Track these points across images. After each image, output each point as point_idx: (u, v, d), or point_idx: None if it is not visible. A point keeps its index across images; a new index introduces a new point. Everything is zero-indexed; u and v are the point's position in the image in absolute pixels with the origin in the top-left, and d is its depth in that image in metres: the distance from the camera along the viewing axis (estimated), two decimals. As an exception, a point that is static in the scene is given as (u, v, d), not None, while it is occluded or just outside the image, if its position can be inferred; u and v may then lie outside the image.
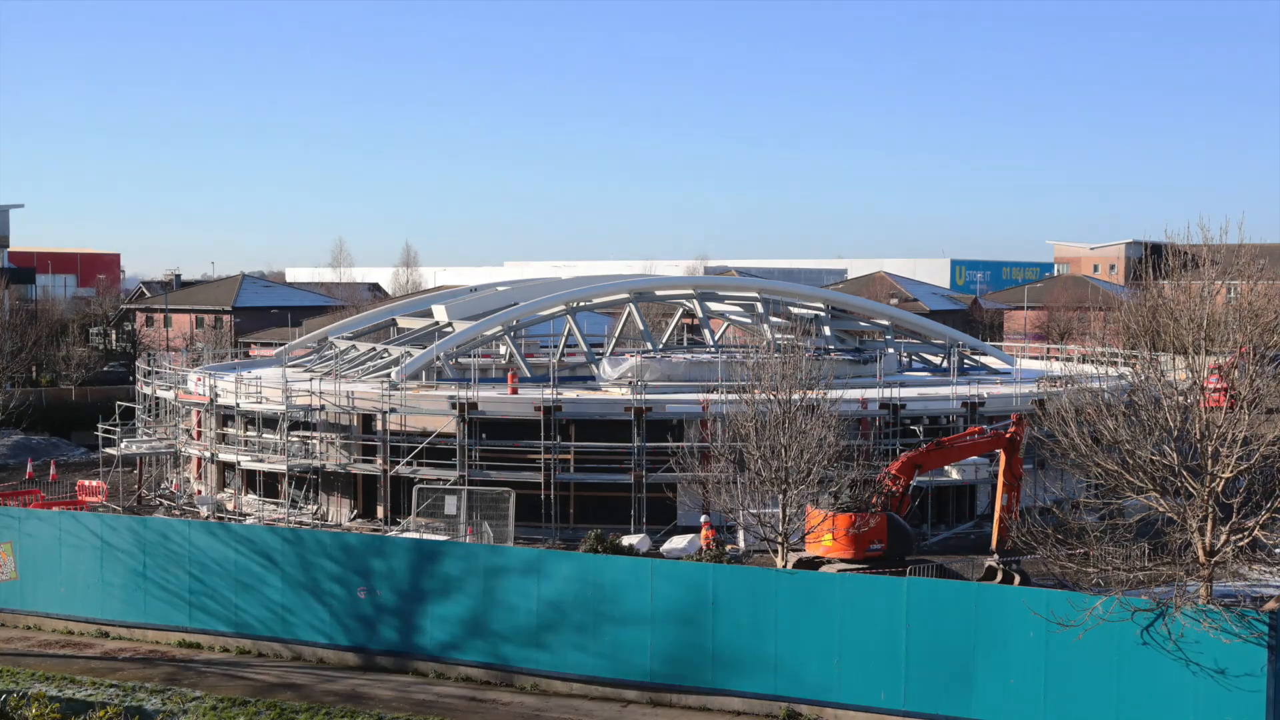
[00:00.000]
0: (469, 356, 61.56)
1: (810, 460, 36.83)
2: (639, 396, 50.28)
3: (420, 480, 49.73)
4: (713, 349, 66.64)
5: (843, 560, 39.11)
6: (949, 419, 53.49)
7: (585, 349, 62.19)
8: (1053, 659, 28.55)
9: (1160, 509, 28.61)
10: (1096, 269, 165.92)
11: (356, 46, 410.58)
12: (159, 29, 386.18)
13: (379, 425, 52.12)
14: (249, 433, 55.91)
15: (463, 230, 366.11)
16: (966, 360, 65.59)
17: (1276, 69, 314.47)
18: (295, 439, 53.85)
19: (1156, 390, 29.76)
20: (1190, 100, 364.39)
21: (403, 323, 69.01)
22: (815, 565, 38.79)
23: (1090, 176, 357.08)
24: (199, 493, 58.87)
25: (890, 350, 64.72)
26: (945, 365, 65.02)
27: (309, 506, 53.75)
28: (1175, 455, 28.23)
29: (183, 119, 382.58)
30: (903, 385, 55.07)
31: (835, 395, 41.53)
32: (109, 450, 59.94)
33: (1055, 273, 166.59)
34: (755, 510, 38.20)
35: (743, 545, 45.51)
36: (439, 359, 56.70)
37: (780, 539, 37.56)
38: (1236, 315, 29.18)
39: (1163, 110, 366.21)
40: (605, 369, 58.93)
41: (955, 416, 53.06)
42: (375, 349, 62.47)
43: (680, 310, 73.37)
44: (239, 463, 54.92)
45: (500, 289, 68.80)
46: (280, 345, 79.60)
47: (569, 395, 52.26)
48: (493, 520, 46.70)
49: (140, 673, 34.44)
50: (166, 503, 56.97)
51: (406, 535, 43.24)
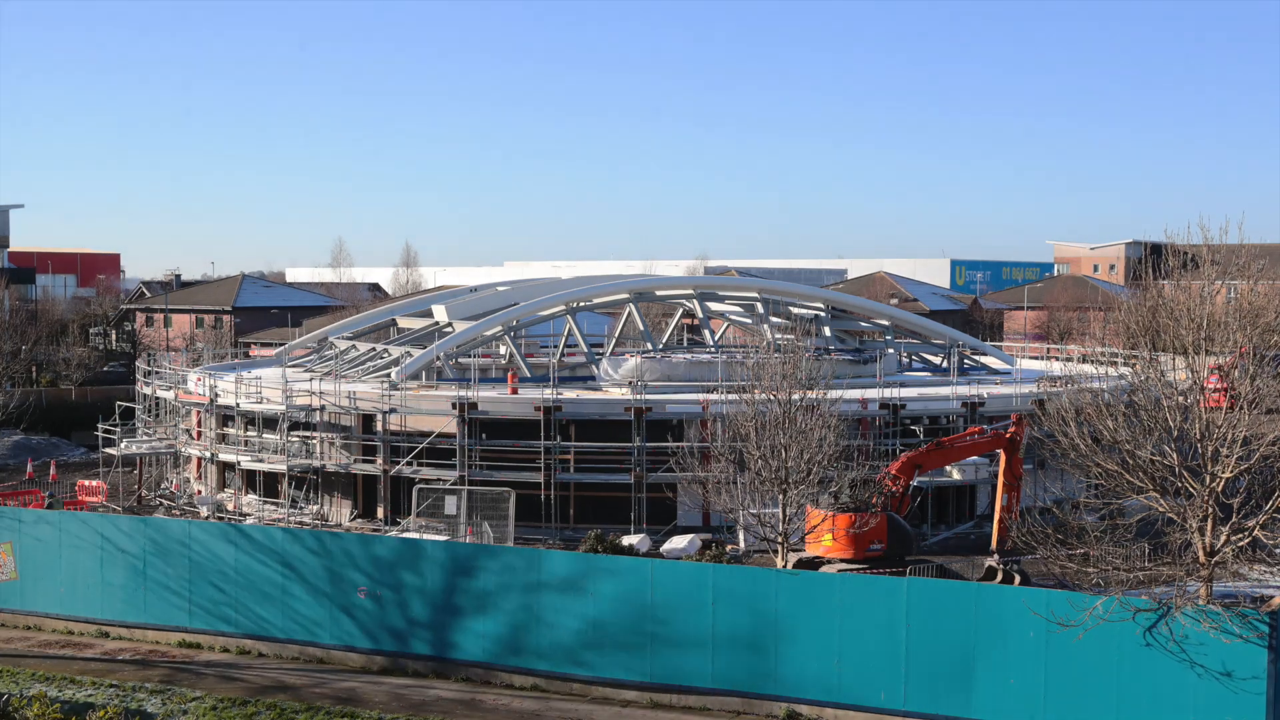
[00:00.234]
0: (469, 356, 61.55)
1: (810, 460, 36.82)
2: (639, 396, 50.27)
3: (420, 480, 49.73)
4: (713, 349, 66.63)
5: (843, 560, 39.10)
6: (949, 419, 53.48)
7: (585, 349, 62.18)
8: (1053, 659, 28.55)
9: (1160, 509, 28.61)
10: (1096, 269, 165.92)
11: (357, 46, 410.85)
12: (159, 29, 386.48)
13: (379, 425, 52.12)
14: (249, 433, 55.90)
15: (463, 230, 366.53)
16: (966, 360, 65.58)
17: (1277, 68, 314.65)
18: (295, 439, 53.84)
19: (1156, 390, 29.76)
20: (1190, 100, 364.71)
21: (403, 323, 69.00)
22: (815, 565, 38.78)
23: (1090, 176, 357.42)
24: (199, 493, 58.86)
25: (890, 350, 64.71)
26: (945, 365, 65.00)
27: (310, 507, 53.72)
28: (1175, 455, 28.23)
29: (183, 119, 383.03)
30: (903, 385, 55.06)
31: (835, 395, 41.51)
32: (109, 450, 59.93)
33: (1055, 273, 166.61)
34: (755, 510, 38.19)
35: (743, 545, 45.50)
36: (439, 359, 56.69)
37: (780, 539, 37.56)
38: (1236, 315, 29.17)
39: (1163, 110, 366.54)
40: (605, 369, 58.92)
41: (955, 416, 53.05)
42: (375, 349, 62.47)
43: (680, 310, 73.37)
44: (239, 463, 54.91)
45: (500, 289, 68.80)
46: (280, 345, 79.54)
47: (569, 395, 52.26)
48: (493, 520, 46.68)
49: (139, 673, 34.46)
50: (166, 503, 56.94)
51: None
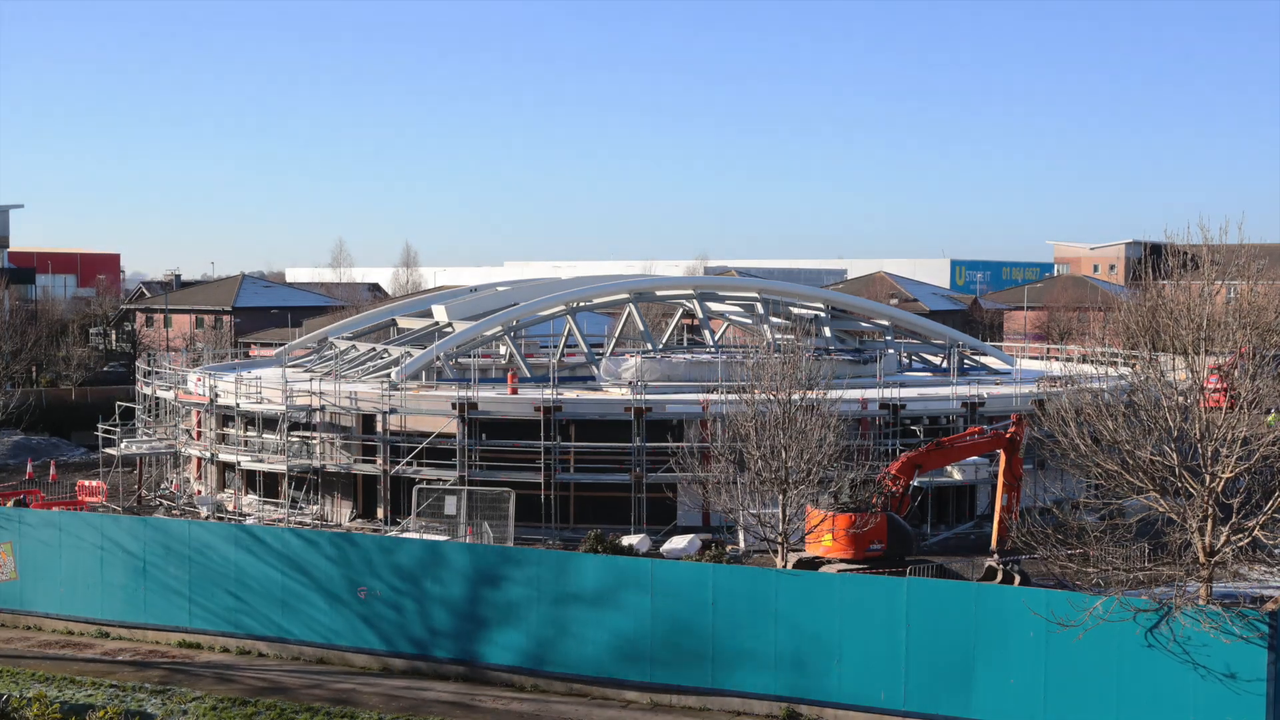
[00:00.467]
0: (469, 356, 61.55)
1: (810, 460, 36.81)
2: (639, 396, 50.28)
3: (420, 480, 49.73)
4: (713, 349, 66.62)
5: (843, 560, 39.10)
6: (949, 419, 53.48)
7: (585, 349, 62.18)
8: (1053, 659, 28.55)
9: (1160, 509, 28.61)
10: (1096, 269, 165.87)
11: (357, 46, 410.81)
12: (159, 29, 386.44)
13: (379, 425, 52.12)
14: (249, 433, 55.90)
15: (463, 230, 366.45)
16: (966, 360, 65.58)
17: (1277, 68, 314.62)
18: (295, 439, 53.84)
19: (1156, 390, 29.75)
20: (1191, 100, 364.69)
21: (403, 323, 68.99)
22: (815, 565, 38.77)
23: (1090, 176, 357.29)
24: (199, 493, 58.85)
25: (890, 350, 64.71)
26: (945, 365, 65.01)
27: (310, 507, 53.72)
28: (1175, 455, 28.22)
29: (183, 119, 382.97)
30: (903, 385, 55.06)
31: (835, 395, 41.51)
32: (109, 450, 59.92)
33: (1055, 273, 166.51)
34: (755, 510, 38.18)
35: (742, 545, 45.50)
36: (439, 359, 56.69)
37: (780, 539, 37.55)
38: (1236, 315, 29.16)
39: (1163, 110, 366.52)
40: (605, 369, 58.92)
41: (955, 416, 53.06)
42: (375, 349, 62.47)
43: (680, 310, 73.35)
44: (239, 463, 54.91)
45: (500, 289, 68.80)
46: (280, 345, 79.52)
47: (569, 395, 52.27)
48: (492, 520, 46.67)
49: (139, 674, 34.46)
50: (166, 503, 56.94)
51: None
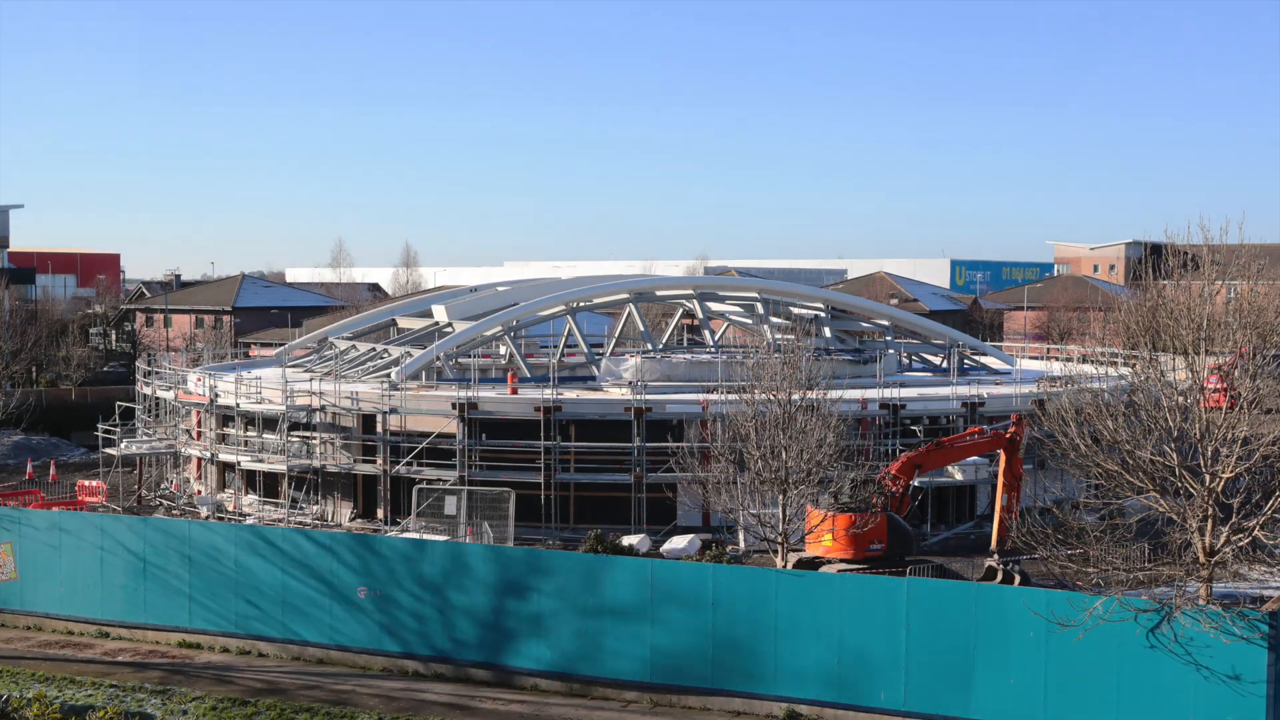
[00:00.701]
0: (469, 357, 61.55)
1: (810, 460, 36.82)
2: (639, 396, 50.28)
3: (420, 481, 49.72)
4: (713, 349, 66.61)
5: (843, 560, 39.10)
6: (949, 419, 53.49)
7: (585, 349, 62.18)
8: (1053, 659, 28.54)
9: (1160, 509, 28.61)
10: (1096, 269, 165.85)
11: (356, 46, 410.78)
12: (159, 29, 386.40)
13: (379, 425, 52.12)
14: (249, 433, 55.90)
15: (463, 230, 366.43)
16: (966, 360, 65.58)
17: (1277, 69, 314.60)
18: (295, 439, 53.84)
19: (1156, 390, 29.75)
20: (1191, 100, 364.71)
21: (403, 323, 68.99)
22: (815, 565, 38.78)
23: (1090, 176, 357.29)
24: (199, 493, 58.85)
25: (890, 350, 64.71)
26: (945, 365, 65.01)
27: (311, 507, 53.72)
28: (1175, 455, 28.22)
29: (183, 119, 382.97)
30: (903, 385, 55.06)
31: (835, 395, 41.53)
32: (109, 450, 59.91)
33: (1055, 273, 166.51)
34: (755, 510, 38.17)
35: (742, 545, 45.50)
36: (439, 359, 56.69)
37: (780, 539, 37.55)
38: (1237, 315, 29.16)
39: (1163, 110, 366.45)
40: (605, 369, 58.92)
41: (955, 416, 53.06)
42: (375, 349, 62.47)
43: (680, 310, 73.35)
44: (239, 463, 54.91)
45: (500, 289, 68.80)
46: (280, 345, 79.54)
47: (569, 395, 52.27)
48: (493, 520, 46.68)
49: (138, 675, 34.46)
50: (166, 503, 56.94)
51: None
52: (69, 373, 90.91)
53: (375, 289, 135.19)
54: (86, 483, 55.77)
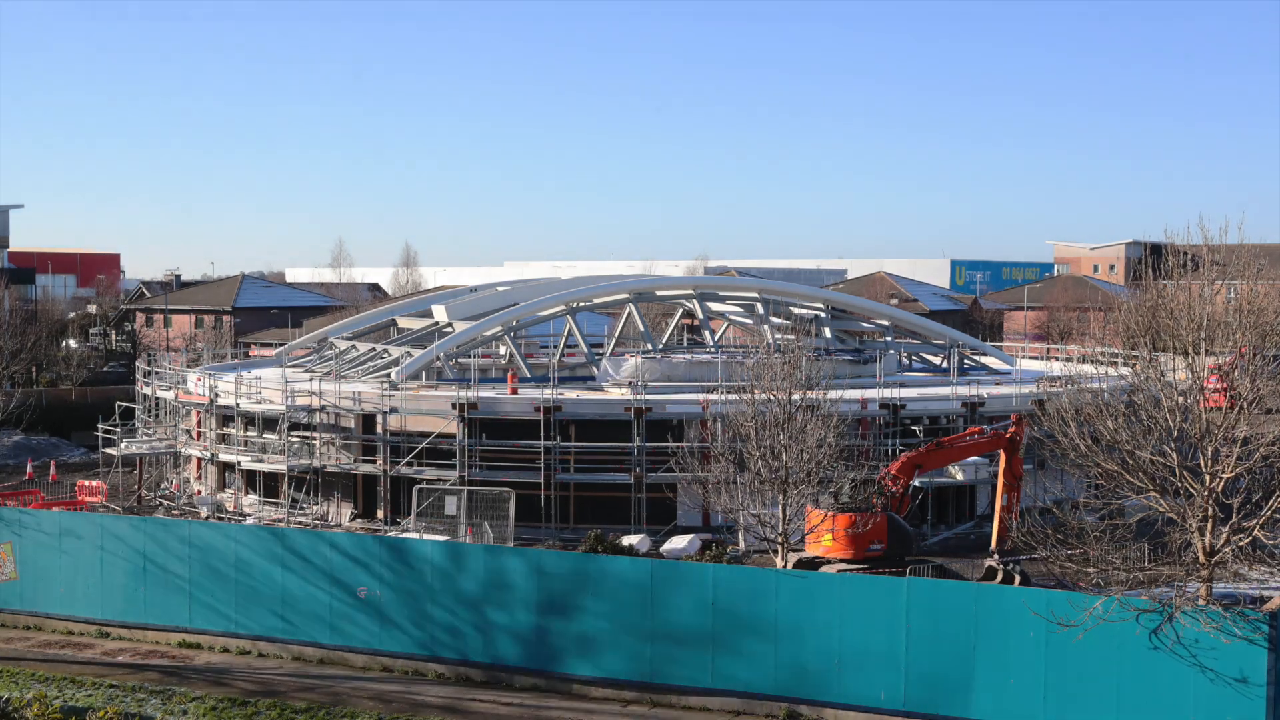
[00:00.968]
0: (469, 356, 61.56)
1: (810, 460, 36.81)
2: (639, 396, 50.29)
3: (421, 481, 49.72)
4: (713, 349, 66.60)
5: (843, 560, 39.11)
6: (949, 419, 53.49)
7: (585, 349, 62.19)
8: (1053, 659, 28.53)
9: (1160, 509, 28.60)
10: (1096, 269, 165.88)
11: (356, 46, 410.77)
12: (159, 28, 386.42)
13: (379, 425, 52.12)
14: (249, 433, 55.90)
15: (463, 230, 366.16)
16: (966, 360, 65.60)
17: (1276, 69, 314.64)
18: (295, 439, 53.84)
19: (1156, 391, 29.75)
20: (1191, 100, 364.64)
21: (403, 323, 69.01)
22: (815, 565, 38.78)
23: (1090, 176, 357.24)
24: (199, 493, 58.85)
25: (890, 350, 64.73)
26: (945, 365, 65.02)
27: (311, 508, 53.71)
28: (1175, 455, 28.22)
29: (183, 119, 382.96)
30: (903, 385, 55.07)
31: (835, 395, 41.52)
32: (109, 450, 59.91)
33: (1055, 273, 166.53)
34: (755, 510, 38.17)
35: (743, 545, 45.50)
36: (439, 359, 56.70)
37: (780, 539, 37.55)
38: (1237, 315, 29.16)
39: (1163, 110, 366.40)
40: (605, 369, 58.93)
41: (955, 416, 53.07)
42: (375, 349, 62.48)
43: (680, 310, 73.36)
44: (239, 463, 54.91)
45: (500, 289, 68.82)
46: (280, 345, 79.54)
47: (569, 395, 52.27)
48: (493, 520, 46.69)
49: (138, 676, 34.46)
50: (166, 503, 56.94)
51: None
52: (69, 373, 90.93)
53: (375, 289, 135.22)
54: (86, 483, 55.76)
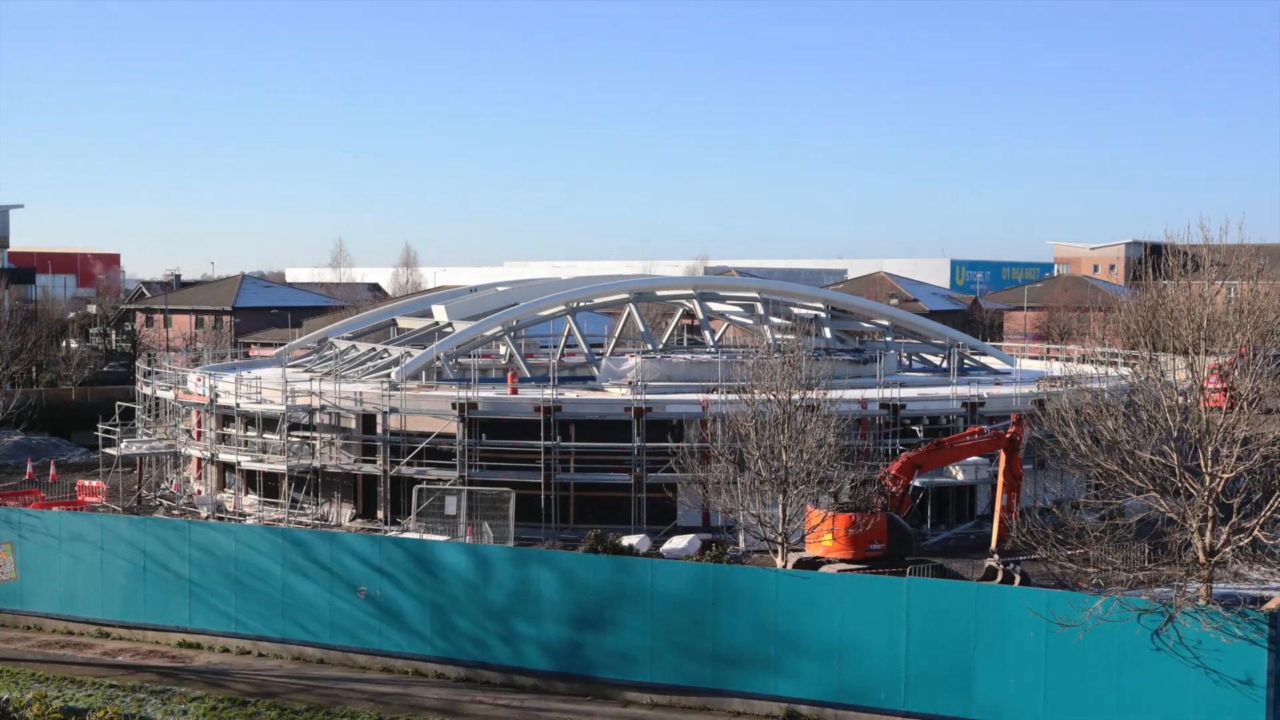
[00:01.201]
0: (469, 357, 61.56)
1: (810, 460, 36.81)
2: (639, 396, 50.29)
3: (421, 481, 49.72)
4: (713, 349, 66.58)
5: (843, 560, 39.11)
6: (949, 419, 53.50)
7: (585, 349, 62.19)
8: (1053, 659, 28.54)
9: (1160, 509, 28.60)
10: (1096, 269, 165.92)
11: (356, 47, 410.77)
12: (159, 29, 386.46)
13: (379, 425, 52.12)
14: (249, 433, 55.90)
15: (463, 230, 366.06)
16: (966, 360, 65.60)
17: (1276, 69, 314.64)
18: (295, 439, 53.84)
19: (1156, 390, 29.75)
20: (1191, 100, 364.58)
21: (403, 323, 69.00)
22: (815, 565, 38.78)
23: (1090, 176, 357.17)
24: (199, 493, 58.84)
25: (890, 350, 64.72)
26: (945, 365, 65.02)
27: (311, 508, 53.71)
28: (1175, 455, 28.22)
29: (183, 119, 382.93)
30: (903, 385, 55.06)
31: (835, 395, 41.52)
32: (109, 450, 59.90)
33: (1055, 273, 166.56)
34: (755, 510, 38.18)
35: (742, 545, 45.50)
36: (439, 359, 56.69)
37: (780, 539, 37.55)
38: (1237, 315, 29.17)
39: (1162, 110, 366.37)
40: (605, 369, 58.93)
41: (955, 416, 53.07)
42: (375, 349, 62.48)
43: (680, 310, 73.35)
44: (239, 463, 54.91)
45: (500, 289, 68.82)
46: (280, 345, 79.53)
47: (569, 395, 52.27)
48: (493, 520, 46.69)
49: (137, 676, 34.45)
50: (166, 503, 56.94)
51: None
52: (69, 373, 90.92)
53: (375, 289, 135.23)
54: (86, 483, 55.75)
